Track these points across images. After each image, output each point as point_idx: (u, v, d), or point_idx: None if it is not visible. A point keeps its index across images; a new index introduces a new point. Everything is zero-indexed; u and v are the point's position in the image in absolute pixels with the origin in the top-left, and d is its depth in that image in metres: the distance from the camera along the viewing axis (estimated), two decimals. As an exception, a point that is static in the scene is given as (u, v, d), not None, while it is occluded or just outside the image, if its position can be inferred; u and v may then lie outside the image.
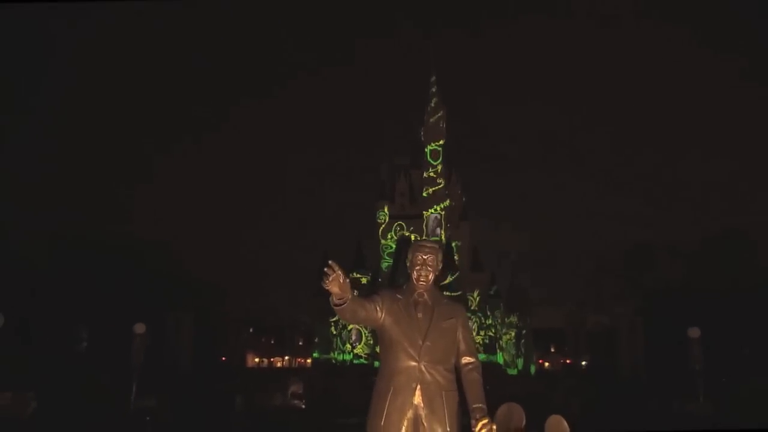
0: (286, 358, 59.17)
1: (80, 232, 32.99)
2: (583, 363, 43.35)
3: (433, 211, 44.85)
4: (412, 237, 44.08)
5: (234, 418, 14.48)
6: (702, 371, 12.86)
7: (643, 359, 28.79)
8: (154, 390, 13.92)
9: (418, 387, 3.48)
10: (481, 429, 3.18)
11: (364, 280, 41.21)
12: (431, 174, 45.45)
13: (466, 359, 3.67)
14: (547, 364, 53.22)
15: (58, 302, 25.02)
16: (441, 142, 45.95)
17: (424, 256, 3.79)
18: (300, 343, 55.35)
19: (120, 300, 26.48)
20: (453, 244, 42.84)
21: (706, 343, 15.99)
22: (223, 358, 43.12)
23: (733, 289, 28.43)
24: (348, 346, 37.88)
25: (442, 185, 45.19)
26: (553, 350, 52.73)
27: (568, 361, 48.97)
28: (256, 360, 57.47)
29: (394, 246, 43.74)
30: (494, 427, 3.20)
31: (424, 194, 45.34)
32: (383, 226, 45.30)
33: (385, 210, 45.41)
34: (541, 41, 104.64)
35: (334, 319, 40.16)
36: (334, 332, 40.02)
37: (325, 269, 3.34)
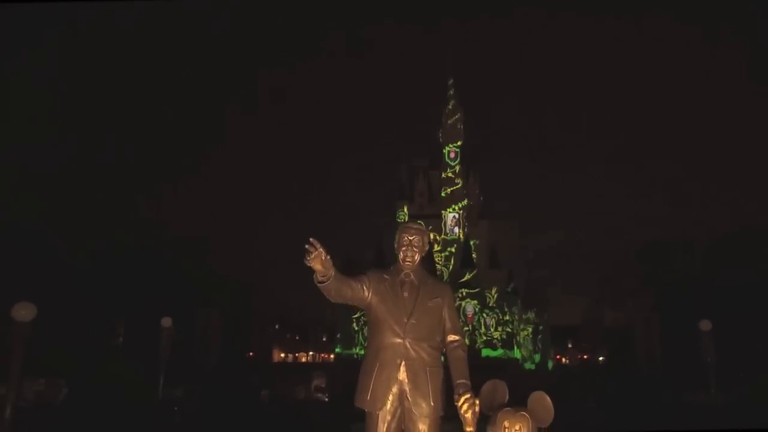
0: (310, 353, 59.55)
1: (121, 231, 33.70)
2: (600, 358, 42.85)
3: (451, 210, 44.77)
4: (432, 236, 44.04)
5: (259, 409, 14.61)
6: (714, 363, 12.61)
7: (659, 354, 28.37)
8: (183, 382, 14.13)
9: (403, 363, 3.48)
10: (463, 403, 3.17)
11: (384, 278, 41.20)
12: (449, 174, 45.40)
13: (451, 337, 3.66)
14: (564, 359, 52.65)
15: (97, 297, 25.53)
16: (459, 143, 45.91)
17: (410, 237, 3.78)
18: (323, 339, 55.67)
19: (154, 296, 26.93)
20: (471, 243, 42.69)
21: (721, 337, 15.73)
22: (251, 353, 43.58)
23: (748, 285, 27.85)
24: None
25: (460, 185, 45.10)
26: (570, 346, 52.14)
27: (585, 357, 48.41)
28: (282, 355, 57.90)
29: (413, 245, 43.67)
30: (477, 401, 3.18)
31: (443, 194, 45.30)
32: (403, 225, 45.34)
33: (405, 210, 45.48)
34: (560, 42, 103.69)
35: (356, 315, 40.33)
36: (356, 329, 40.23)
37: (306, 246, 3.34)
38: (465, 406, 3.14)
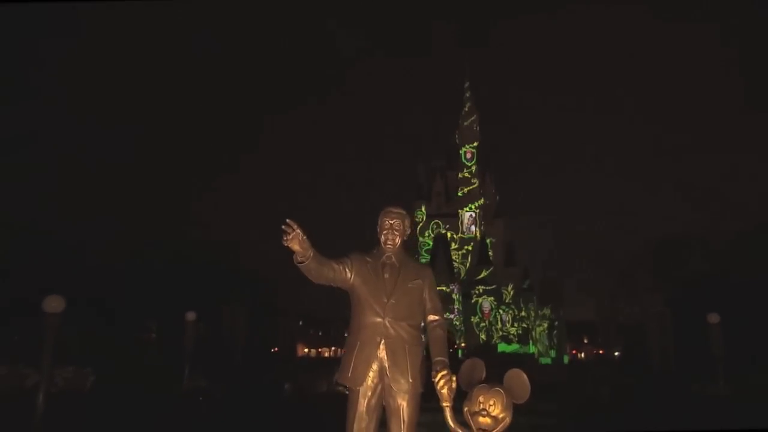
0: (333, 348, 59.87)
1: (154, 233, 34.39)
2: (616, 353, 42.36)
3: (468, 209, 44.70)
4: (449, 234, 44.04)
5: (282, 401, 14.76)
6: (722, 356, 12.48)
7: (672, 348, 28.03)
8: (208, 374, 14.39)
9: (383, 341, 3.52)
10: (440, 380, 3.22)
11: (403, 276, 41.26)
12: (466, 174, 45.37)
13: (431, 317, 3.70)
14: (580, 354, 52.19)
15: (133, 294, 26.07)
16: (475, 144, 45.87)
17: (391, 221, 3.79)
18: (345, 335, 55.82)
19: (185, 293, 27.40)
20: (487, 241, 42.56)
21: (734, 331, 15.49)
22: (275, 349, 43.95)
23: (762, 282, 27.31)
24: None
25: (476, 185, 45.03)
26: (586, 341, 51.66)
27: (600, 352, 47.90)
28: (305, 350, 58.32)
29: (431, 243, 43.74)
30: (453, 378, 3.23)
31: (459, 194, 45.28)
32: (421, 224, 45.41)
33: (423, 209, 45.55)
34: (574, 40, 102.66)
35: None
36: (376, 324, 40.37)
37: (283, 227, 3.37)
38: (441, 382, 3.19)
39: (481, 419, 3.07)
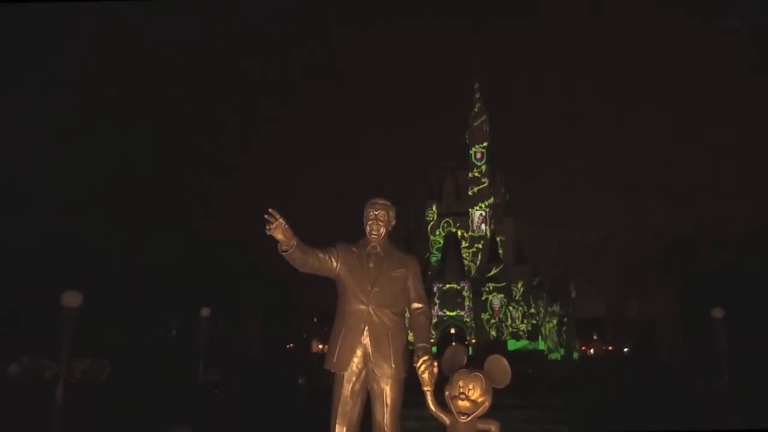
0: (347, 345, 60.06)
1: (173, 232, 34.88)
2: (625, 349, 42.05)
3: (478, 208, 44.70)
4: (459, 233, 44.08)
5: (296, 394, 14.91)
6: (726, 351, 12.48)
7: (681, 344, 27.83)
8: (222, 368, 14.62)
9: (367, 328, 3.59)
10: (421, 365, 3.28)
11: (414, 273, 41.40)
12: (476, 174, 45.38)
13: (415, 305, 3.74)
14: (590, 350, 51.87)
15: (151, 292, 26.46)
16: (485, 143, 45.87)
17: (375, 212, 3.83)
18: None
19: (200, 291, 27.77)
20: (498, 239, 42.52)
21: (743, 327, 15.35)
22: (290, 345, 44.24)
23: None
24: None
25: (486, 184, 45.02)
26: (595, 338, 51.34)
27: (610, 348, 47.54)
28: (320, 346, 58.48)
29: (441, 241, 43.79)
30: (435, 363, 3.30)
31: (470, 193, 45.29)
32: (432, 223, 45.50)
33: (434, 208, 45.62)
34: (584, 37, 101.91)
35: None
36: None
37: (266, 217, 3.43)
38: (423, 367, 3.25)
39: (460, 403, 3.15)
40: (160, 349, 19.70)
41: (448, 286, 40.11)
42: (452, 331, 39.82)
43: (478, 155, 46.05)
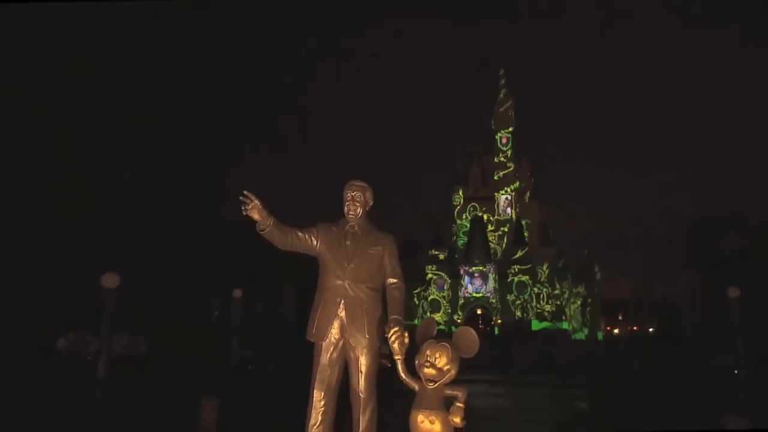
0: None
1: (214, 218, 35.75)
2: (650, 329, 41.39)
3: (503, 192, 44.35)
4: (485, 217, 43.83)
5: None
6: (743, 330, 12.31)
7: (703, 324, 27.38)
8: (257, 347, 15.11)
9: (343, 301, 3.73)
10: (392, 335, 3.41)
11: (441, 257, 41.53)
12: (501, 159, 44.97)
13: (390, 280, 3.85)
14: (615, 330, 51.18)
15: (198, 276, 27.20)
16: (510, 129, 45.35)
17: (352, 194, 3.92)
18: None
19: (239, 275, 28.42)
20: (523, 222, 42.14)
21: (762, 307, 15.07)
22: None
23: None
24: (428, 314, 38.38)
25: (511, 169, 44.57)
26: (620, 318, 50.63)
27: (635, 328, 46.85)
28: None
29: (468, 225, 43.65)
30: (405, 334, 3.42)
31: (495, 177, 44.91)
32: (458, 207, 45.34)
33: (460, 193, 45.41)
34: (612, 28, 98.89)
35: (417, 291, 40.82)
36: (416, 302, 40.78)
37: (241, 198, 3.53)
38: (393, 337, 3.39)
39: (426, 370, 3.27)
40: (202, 328, 20.38)
41: (474, 268, 40.06)
42: (478, 311, 39.85)
43: (504, 140, 45.57)
